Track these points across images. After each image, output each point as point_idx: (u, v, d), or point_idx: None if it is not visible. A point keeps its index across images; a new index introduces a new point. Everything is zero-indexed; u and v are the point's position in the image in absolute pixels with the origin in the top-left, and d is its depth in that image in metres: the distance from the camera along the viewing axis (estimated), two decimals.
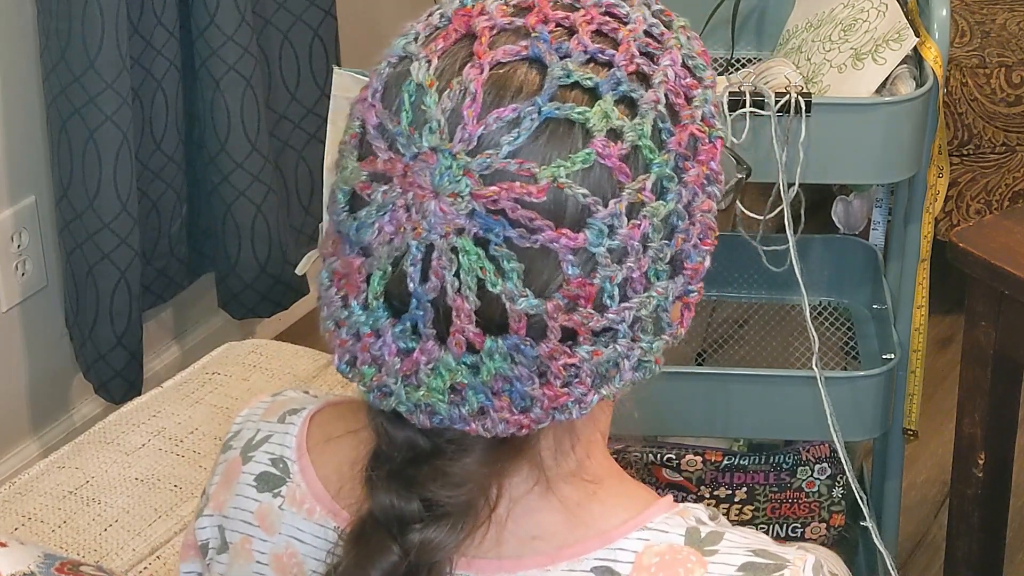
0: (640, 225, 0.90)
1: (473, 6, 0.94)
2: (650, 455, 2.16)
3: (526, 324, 0.89)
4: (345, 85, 2.06)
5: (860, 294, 2.32)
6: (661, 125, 0.92)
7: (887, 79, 1.95)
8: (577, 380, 0.92)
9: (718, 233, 0.97)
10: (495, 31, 0.92)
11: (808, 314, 1.93)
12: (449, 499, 0.93)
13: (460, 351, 0.90)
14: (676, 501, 1.00)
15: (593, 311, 0.90)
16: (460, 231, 0.88)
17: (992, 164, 2.93)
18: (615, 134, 0.90)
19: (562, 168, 0.88)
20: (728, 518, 2.21)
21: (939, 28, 1.97)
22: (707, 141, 0.95)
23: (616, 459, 1.02)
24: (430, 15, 0.95)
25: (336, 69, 2.09)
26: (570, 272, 0.89)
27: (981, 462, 1.98)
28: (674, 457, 2.18)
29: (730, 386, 2.06)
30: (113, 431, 1.74)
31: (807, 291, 1.91)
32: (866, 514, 1.99)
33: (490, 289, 0.88)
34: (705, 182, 0.95)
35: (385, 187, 0.91)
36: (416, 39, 0.94)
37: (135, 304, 2.48)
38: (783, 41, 2.14)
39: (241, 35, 2.48)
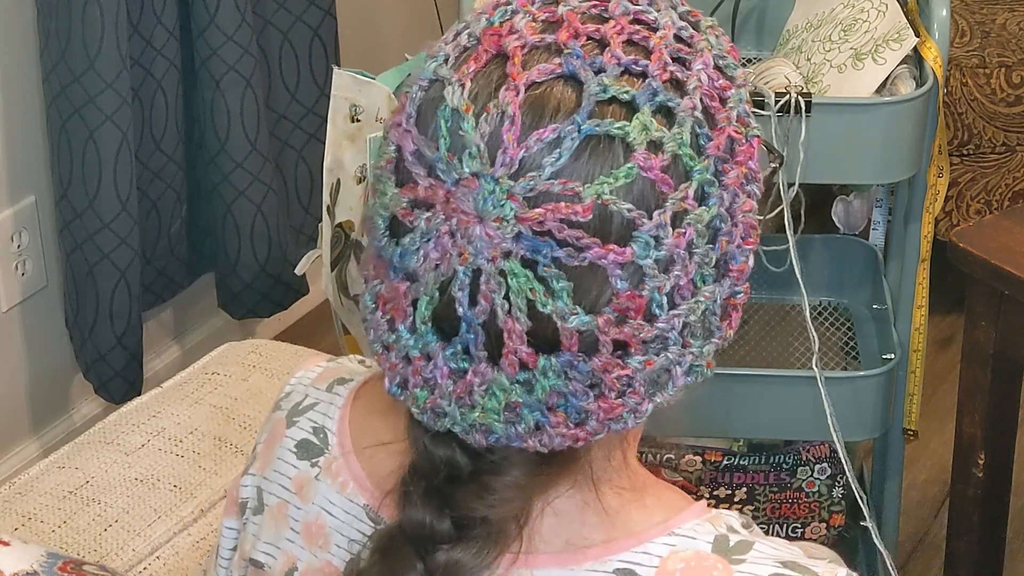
0: (685, 233, 0.90)
1: (501, 24, 0.93)
2: (650, 455, 2.16)
3: (578, 340, 0.89)
4: (345, 85, 2.06)
5: (860, 294, 2.32)
6: (699, 131, 0.92)
7: (887, 79, 1.95)
8: (631, 390, 0.92)
9: (759, 231, 0.97)
10: (526, 49, 0.91)
11: (808, 314, 1.93)
12: (487, 516, 0.92)
13: (514, 371, 0.90)
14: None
15: (643, 322, 0.90)
16: (507, 254, 0.89)
17: (992, 164, 2.93)
18: (655, 146, 0.90)
19: (606, 185, 0.88)
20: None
21: (939, 28, 1.97)
22: (744, 141, 0.95)
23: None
24: (457, 35, 0.95)
25: (336, 69, 2.09)
26: (619, 286, 0.89)
27: (981, 462, 1.98)
28: (674, 457, 2.18)
29: (730, 386, 2.06)
30: (113, 431, 1.74)
31: (807, 291, 1.92)
32: (866, 514, 1.99)
33: (540, 309, 0.89)
34: (744, 182, 0.95)
35: (428, 214, 0.91)
36: (447, 61, 0.93)
37: (135, 304, 2.48)
38: (783, 41, 2.14)
39: (241, 35, 2.48)
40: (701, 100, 0.92)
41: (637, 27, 0.93)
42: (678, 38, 0.94)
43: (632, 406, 0.92)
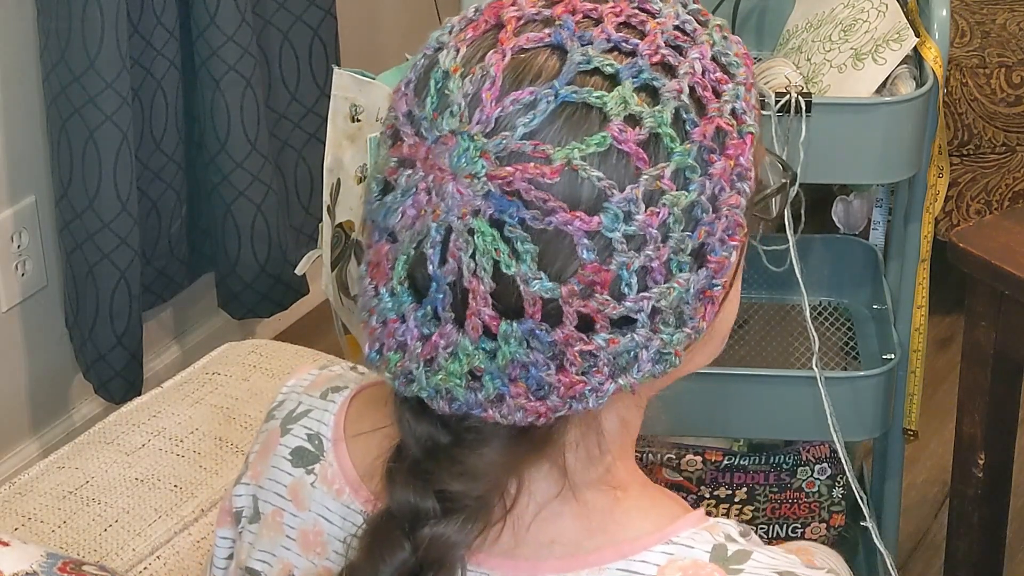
0: (659, 213, 0.90)
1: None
2: (650, 455, 2.16)
3: (541, 308, 0.89)
4: (345, 85, 2.06)
5: (860, 294, 2.32)
6: (685, 115, 0.91)
7: (887, 79, 1.95)
8: (594, 368, 0.91)
9: (746, 230, 0.96)
10: (522, 21, 0.93)
11: (808, 314, 1.93)
12: (464, 492, 0.92)
13: (477, 335, 0.90)
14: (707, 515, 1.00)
15: (610, 298, 0.90)
16: (476, 212, 0.89)
17: (992, 164, 2.93)
18: (633, 119, 0.90)
19: (576, 150, 0.88)
20: (728, 518, 2.21)
21: (939, 28, 1.97)
22: (736, 136, 0.94)
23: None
24: (466, 9, 0.96)
25: (336, 69, 2.09)
26: (585, 256, 0.89)
27: (981, 462, 1.98)
28: (674, 457, 2.18)
29: (730, 386, 2.06)
30: (113, 431, 1.74)
31: (807, 291, 1.92)
32: (866, 514, 1.99)
33: (504, 271, 0.89)
34: (735, 178, 0.94)
35: (409, 171, 0.92)
36: (450, 31, 0.95)
37: (135, 304, 2.48)
38: (783, 41, 2.14)
39: (241, 35, 2.48)
40: (692, 87, 0.92)
41: (637, 12, 0.94)
42: (678, 28, 0.94)
43: (594, 384, 0.92)
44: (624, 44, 0.91)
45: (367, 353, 0.96)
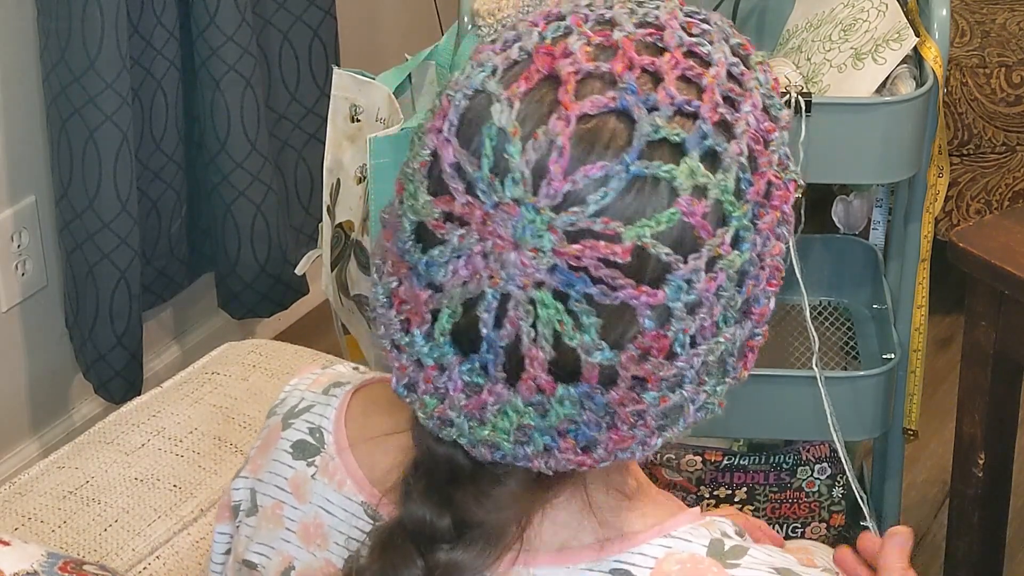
0: (716, 278, 0.90)
1: (555, 44, 0.91)
2: (650, 455, 2.15)
3: (598, 374, 0.89)
4: (345, 85, 2.06)
5: (860, 294, 2.32)
6: (741, 176, 0.91)
7: (887, 79, 1.95)
8: (642, 423, 0.92)
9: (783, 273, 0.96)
10: (580, 76, 0.89)
11: (808, 314, 1.93)
12: (485, 520, 0.93)
13: (530, 395, 0.90)
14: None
15: (664, 360, 0.90)
16: (539, 284, 0.88)
17: (992, 164, 2.93)
18: (700, 191, 0.89)
19: (647, 228, 0.87)
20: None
21: (939, 28, 1.97)
22: (782, 185, 0.94)
23: None
24: (506, 46, 0.93)
25: (336, 69, 2.09)
26: (647, 326, 0.89)
27: (981, 462, 1.97)
28: (674, 457, 2.17)
29: None
30: (113, 431, 1.74)
31: (807, 291, 1.91)
32: (866, 514, 1.99)
33: (567, 342, 0.88)
34: (776, 225, 0.94)
35: (461, 231, 0.89)
36: (494, 74, 0.91)
37: (135, 304, 2.48)
38: (783, 41, 2.14)
39: (241, 35, 2.48)
40: (747, 144, 0.91)
41: (691, 62, 0.91)
42: (730, 75, 0.93)
43: (641, 439, 0.93)
44: (686, 106, 0.89)
45: (394, 385, 0.95)
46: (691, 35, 0.93)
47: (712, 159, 0.90)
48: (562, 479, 0.95)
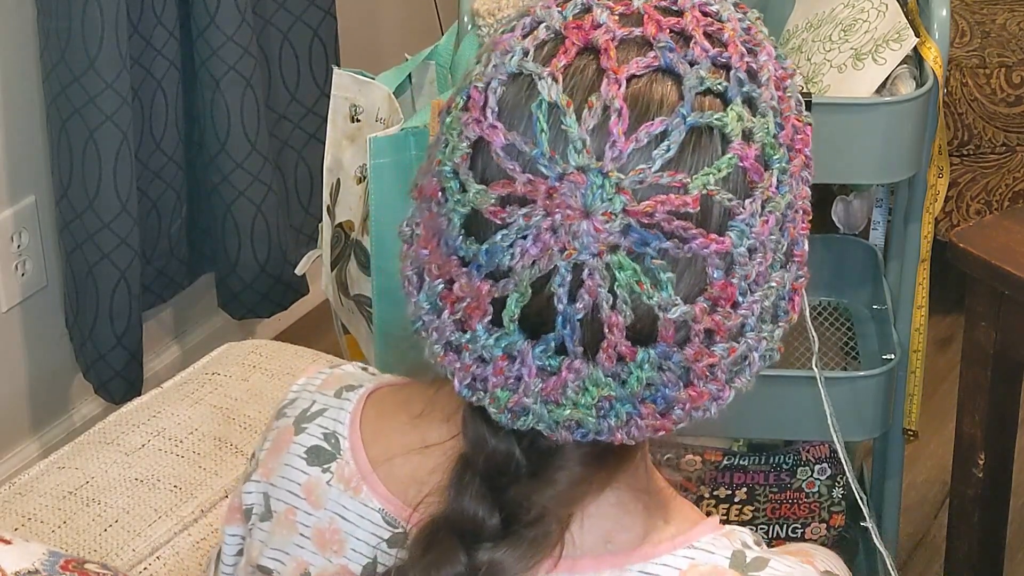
0: (768, 221, 0.92)
1: (582, 18, 0.93)
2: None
3: (674, 331, 0.90)
4: (345, 85, 2.06)
5: (860, 294, 2.31)
6: (775, 120, 0.94)
7: (887, 79, 1.95)
8: (714, 378, 0.93)
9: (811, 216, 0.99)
10: (617, 43, 0.91)
11: (808, 314, 1.93)
12: (536, 516, 0.93)
13: (611, 365, 0.90)
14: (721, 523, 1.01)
15: (731, 310, 0.92)
16: (614, 248, 0.89)
17: (992, 164, 2.93)
18: (748, 136, 0.91)
19: (711, 176, 0.90)
20: (728, 518, 2.21)
21: (939, 28, 1.97)
22: (802, 129, 0.97)
23: None
24: (533, 29, 0.94)
25: (336, 69, 2.09)
26: (715, 275, 0.90)
27: (981, 462, 1.98)
28: (674, 457, 2.17)
29: None
30: (113, 431, 1.74)
31: (807, 291, 1.91)
32: (866, 514, 1.99)
33: (646, 301, 0.89)
34: (802, 169, 0.97)
35: (525, 210, 0.90)
36: (527, 56, 0.92)
37: (135, 304, 2.48)
38: (783, 41, 2.14)
39: (241, 35, 2.48)
40: (773, 90, 0.94)
41: (709, 19, 0.94)
42: (744, 30, 0.96)
43: (715, 393, 0.94)
44: (719, 58, 0.93)
45: (457, 388, 0.94)
46: None
47: (751, 105, 0.93)
48: (618, 462, 0.96)
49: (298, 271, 2.33)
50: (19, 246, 2.45)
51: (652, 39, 0.91)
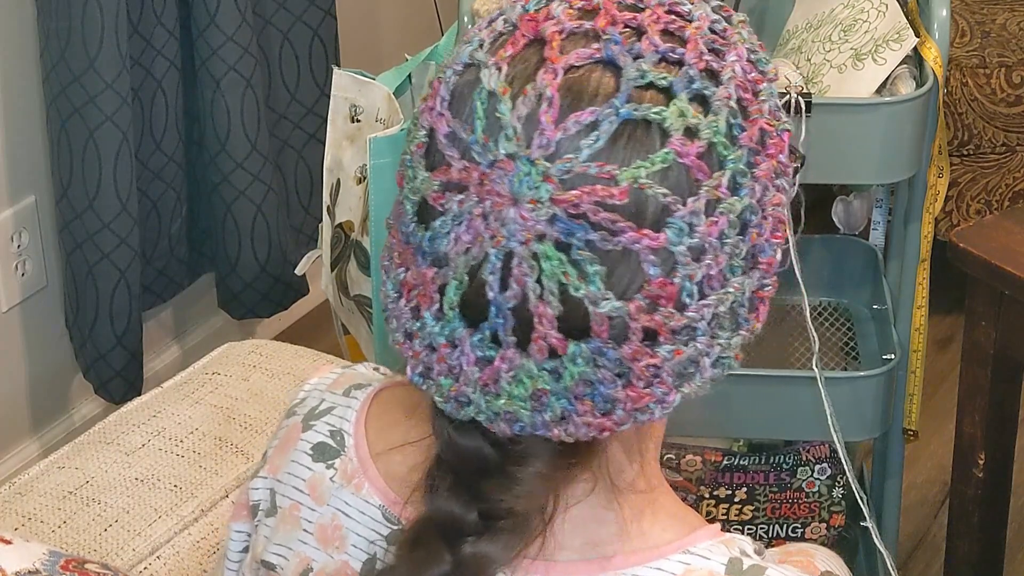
0: (717, 222, 0.91)
1: (539, 11, 0.93)
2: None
3: (608, 327, 0.89)
4: (345, 85, 2.06)
5: (860, 294, 2.31)
6: (733, 121, 0.92)
7: (887, 79, 1.95)
8: (658, 380, 0.92)
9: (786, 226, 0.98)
10: (564, 35, 0.91)
11: (808, 314, 1.93)
12: (510, 508, 0.92)
13: (543, 357, 0.90)
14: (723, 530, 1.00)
15: (674, 310, 0.90)
16: (541, 237, 0.88)
17: (992, 164, 2.93)
18: (691, 132, 0.90)
19: (642, 169, 0.88)
20: (728, 518, 2.21)
21: (939, 28, 1.97)
22: (775, 134, 0.96)
23: None
24: (492, 21, 0.95)
25: (336, 69, 2.09)
26: (651, 272, 0.89)
27: (981, 462, 1.98)
28: (674, 457, 2.17)
29: (730, 386, 2.04)
30: (113, 431, 1.74)
31: (807, 291, 1.91)
32: (866, 514, 1.99)
33: (573, 294, 0.88)
34: (774, 175, 0.95)
35: (460, 196, 0.90)
36: (482, 46, 0.93)
37: (135, 304, 2.48)
38: (783, 41, 2.14)
39: (241, 35, 2.48)
40: (735, 90, 0.93)
41: (672, 17, 0.93)
42: (712, 30, 0.95)
43: (659, 396, 0.92)
44: (671, 54, 0.91)
45: (410, 376, 0.95)
46: None
47: (701, 102, 0.91)
48: (585, 459, 0.95)
49: (298, 271, 2.33)
50: (19, 246, 2.45)
51: (601, 31, 0.91)
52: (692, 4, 0.95)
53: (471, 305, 0.91)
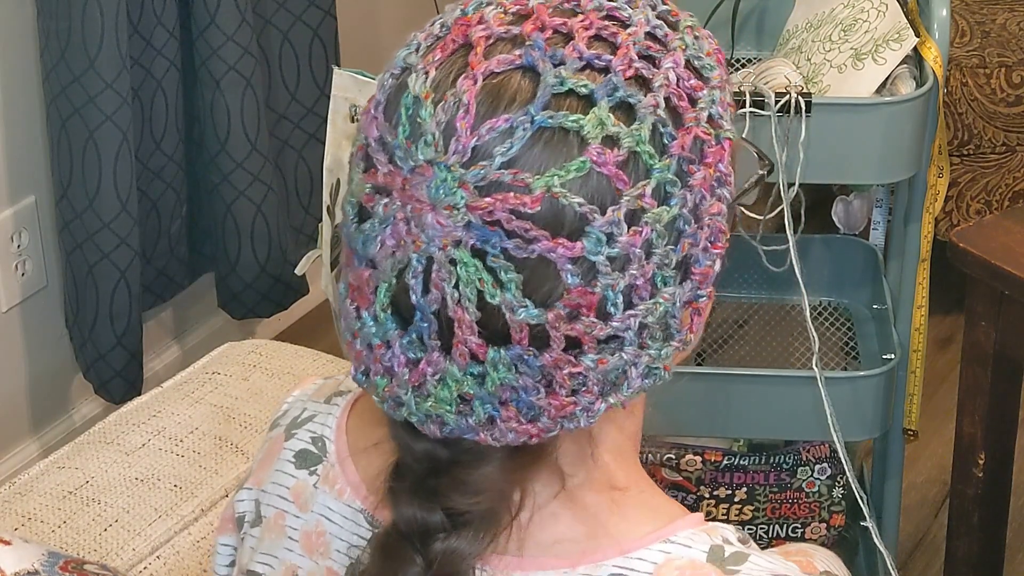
0: (642, 232, 0.89)
1: (472, 15, 0.93)
2: (650, 455, 2.16)
3: (528, 334, 0.89)
4: (345, 85, 2.06)
5: (860, 294, 2.32)
6: (662, 130, 0.91)
7: (887, 79, 1.95)
8: (584, 389, 0.91)
9: (728, 235, 0.95)
10: (491, 40, 0.91)
11: (808, 314, 1.93)
12: (471, 507, 0.93)
13: (465, 362, 0.90)
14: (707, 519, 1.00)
15: (596, 320, 0.90)
16: (457, 243, 0.88)
17: (992, 164, 2.93)
18: (611, 141, 0.89)
19: (556, 177, 0.88)
20: (728, 518, 2.21)
21: (939, 28, 1.97)
22: (714, 143, 0.93)
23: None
24: (432, 24, 0.95)
25: (336, 69, 2.09)
26: (570, 281, 0.88)
27: (981, 462, 1.97)
28: (674, 457, 2.18)
29: (730, 386, 2.06)
30: (113, 431, 1.74)
31: (807, 291, 1.91)
32: (866, 514, 1.99)
33: (489, 300, 0.88)
34: (714, 184, 0.93)
35: (386, 200, 0.91)
36: (417, 50, 0.94)
37: (135, 304, 2.48)
38: (783, 41, 2.14)
39: (241, 35, 2.48)
40: (667, 99, 0.91)
41: (607, 23, 0.92)
42: (650, 36, 0.93)
43: (585, 404, 0.92)
44: (596, 61, 0.90)
45: (353, 374, 0.96)
46: (611, 0, 0.94)
47: (625, 110, 0.90)
48: (534, 461, 0.95)
49: (298, 271, 2.33)
50: (19, 246, 2.45)
51: (526, 37, 0.90)
52: (633, 9, 0.94)
53: (401, 307, 0.91)
